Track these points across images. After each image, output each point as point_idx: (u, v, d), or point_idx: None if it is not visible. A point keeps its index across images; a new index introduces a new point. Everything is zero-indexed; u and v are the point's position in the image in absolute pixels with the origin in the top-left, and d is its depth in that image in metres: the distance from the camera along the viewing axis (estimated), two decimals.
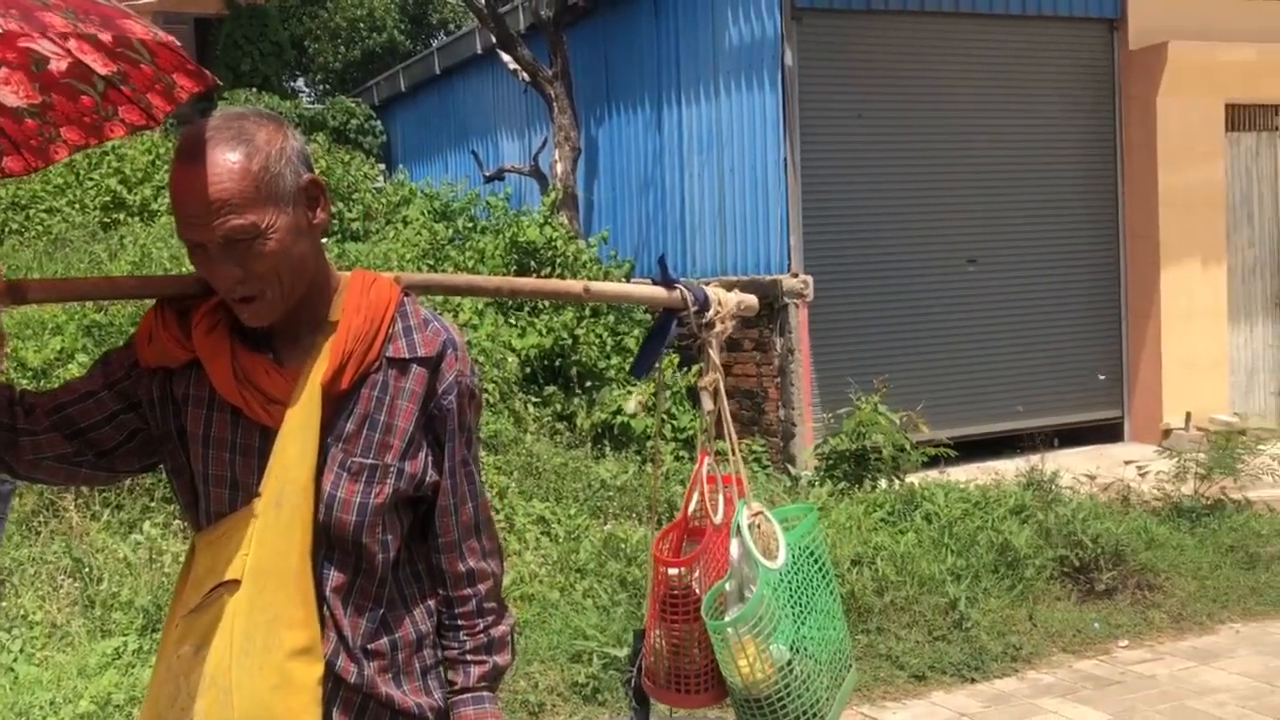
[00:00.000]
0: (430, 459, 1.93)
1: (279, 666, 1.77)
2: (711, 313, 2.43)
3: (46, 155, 1.93)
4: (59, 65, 1.71)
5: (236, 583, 1.82)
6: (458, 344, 1.96)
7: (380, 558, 1.89)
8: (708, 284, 2.51)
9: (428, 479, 1.92)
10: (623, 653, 4.99)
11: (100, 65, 1.71)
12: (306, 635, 1.79)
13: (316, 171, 1.92)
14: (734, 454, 2.47)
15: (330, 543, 1.85)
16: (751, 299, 2.52)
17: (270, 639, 1.78)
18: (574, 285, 2.43)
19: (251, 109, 1.88)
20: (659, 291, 2.43)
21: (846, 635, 2.53)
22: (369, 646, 1.88)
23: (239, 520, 1.85)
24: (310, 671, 1.79)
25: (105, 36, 1.67)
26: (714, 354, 2.45)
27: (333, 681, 1.84)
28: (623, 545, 6.21)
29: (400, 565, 1.95)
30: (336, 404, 1.86)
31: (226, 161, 1.76)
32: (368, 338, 1.87)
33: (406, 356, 1.91)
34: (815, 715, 2.35)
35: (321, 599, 1.84)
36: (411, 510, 1.95)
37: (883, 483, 7.39)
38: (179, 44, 1.72)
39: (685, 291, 2.41)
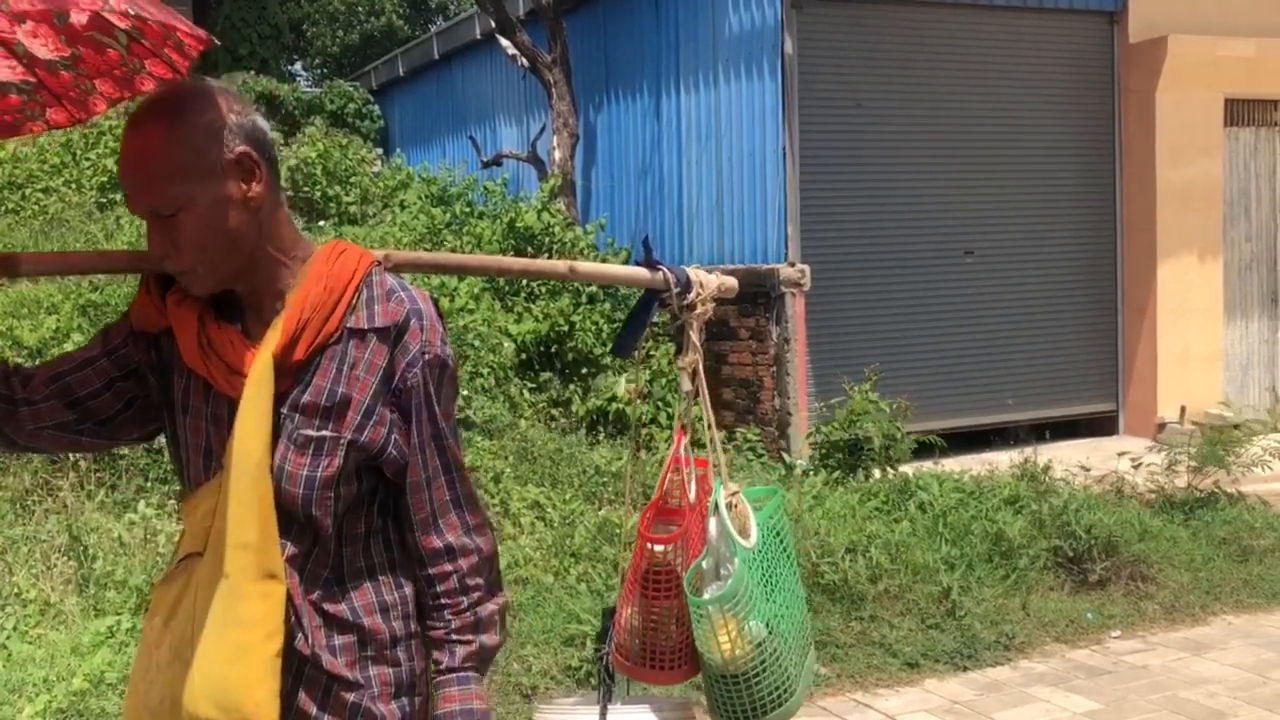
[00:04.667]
0: (396, 432, 1.89)
1: (234, 639, 1.76)
2: (693, 294, 2.45)
3: (87, 107, 1.93)
4: (79, 18, 1.70)
5: (202, 554, 1.83)
6: (424, 313, 1.91)
7: (337, 528, 1.87)
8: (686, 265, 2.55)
9: (389, 450, 1.88)
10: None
11: (117, 19, 1.71)
12: (264, 607, 1.77)
13: (273, 155, 1.89)
14: (711, 433, 2.50)
15: (287, 514, 1.84)
16: (731, 281, 2.54)
17: (227, 612, 1.76)
18: (559, 265, 2.47)
19: (200, 80, 1.86)
20: (641, 272, 2.46)
21: (807, 615, 2.56)
22: (328, 610, 1.87)
23: (208, 491, 1.86)
24: (267, 644, 1.77)
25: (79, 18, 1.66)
26: (694, 335, 2.47)
27: (295, 657, 1.83)
28: (617, 530, 6.22)
29: (372, 534, 1.93)
30: (296, 375, 1.84)
31: (148, 136, 1.78)
32: (326, 307, 1.84)
33: (365, 327, 1.87)
34: (786, 691, 2.38)
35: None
36: (376, 477, 1.92)
37: (876, 472, 7.40)
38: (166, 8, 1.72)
39: (667, 273, 2.44)
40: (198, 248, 1.81)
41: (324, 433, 1.85)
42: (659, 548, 2.42)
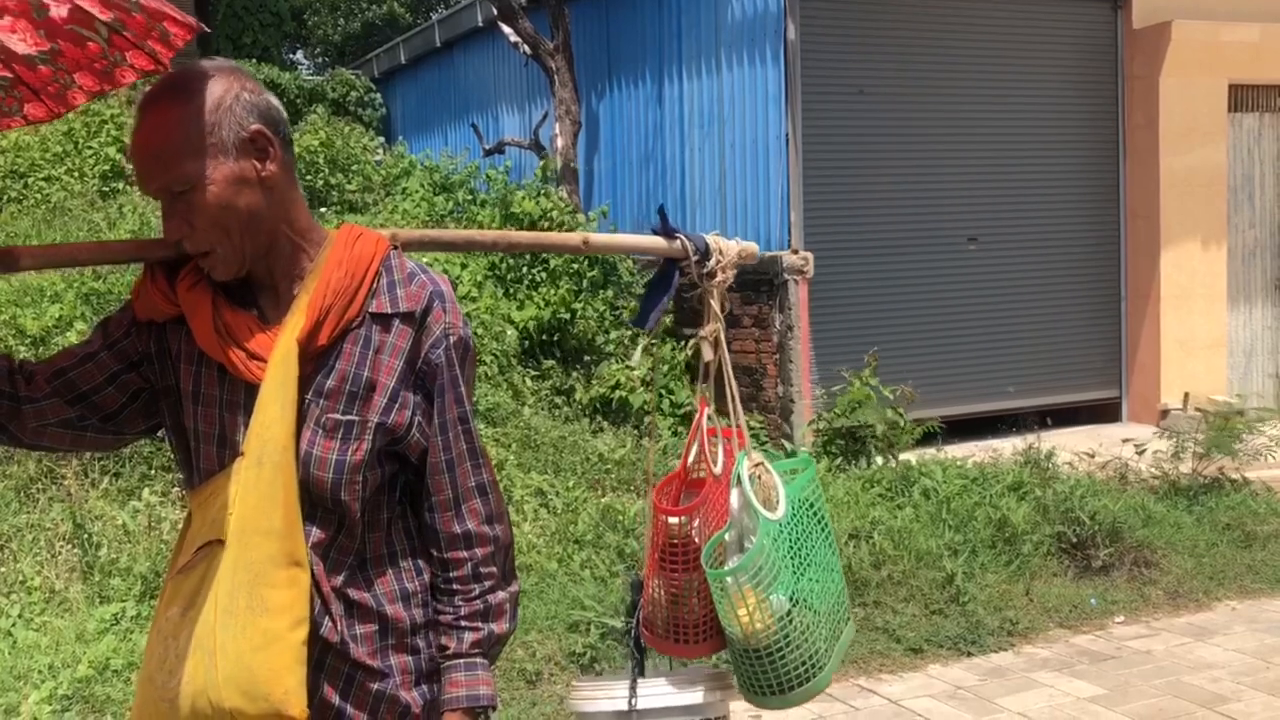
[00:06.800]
0: (419, 414, 1.89)
1: (262, 627, 1.74)
2: (713, 262, 2.41)
3: (66, 101, 1.92)
4: (59, 11, 1.70)
5: (223, 543, 1.80)
6: (446, 296, 1.92)
7: (362, 514, 1.87)
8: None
9: (412, 433, 1.88)
10: (620, 623, 5.01)
11: (99, 11, 1.71)
12: (290, 595, 1.76)
13: (286, 134, 1.88)
14: (734, 404, 2.45)
15: (312, 500, 1.83)
16: (752, 246, 2.50)
17: (253, 599, 1.75)
18: (572, 237, 2.43)
19: (212, 61, 1.86)
20: (659, 241, 2.42)
21: (844, 588, 2.51)
22: (350, 597, 1.86)
23: (225, 478, 1.83)
24: (294, 632, 1.76)
25: None
26: (715, 303, 2.43)
27: (317, 645, 1.82)
28: (620, 517, 6.23)
29: (393, 520, 1.93)
30: (318, 360, 1.84)
31: (164, 114, 1.78)
32: (348, 292, 1.84)
33: (389, 311, 1.87)
34: (814, 666, 2.34)
35: None
36: (397, 462, 1.91)
37: (879, 459, 7.40)
38: None
39: (686, 241, 2.40)
40: (217, 228, 1.80)
41: (351, 416, 1.84)
42: (674, 519, 2.39)
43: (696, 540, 2.37)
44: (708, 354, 2.44)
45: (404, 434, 1.88)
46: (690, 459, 2.49)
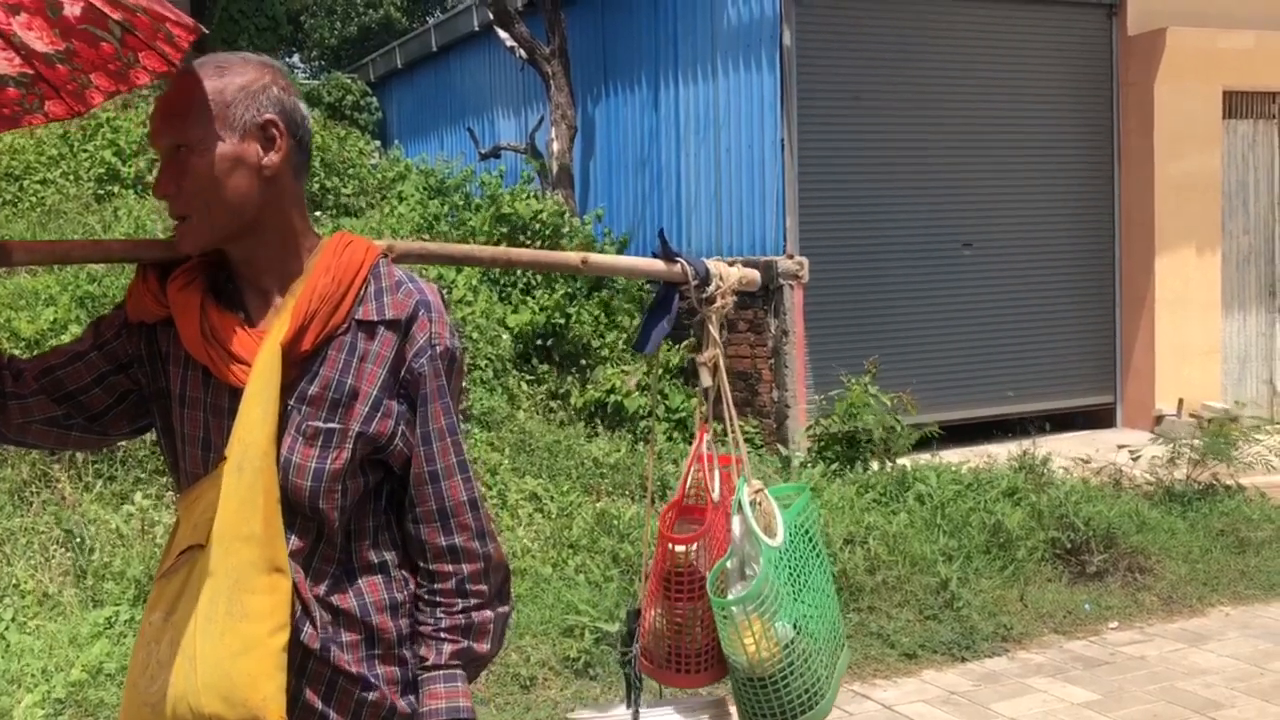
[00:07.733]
0: (403, 423, 1.88)
1: (241, 633, 1.73)
2: (712, 287, 2.38)
3: (84, 100, 1.94)
4: (73, 10, 1.71)
5: (204, 547, 1.79)
6: (432, 305, 1.90)
7: (341, 523, 1.85)
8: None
9: (395, 443, 1.87)
10: (614, 628, 5.00)
11: (110, 10, 1.72)
12: (270, 601, 1.75)
13: (304, 138, 1.90)
14: (733, 430, 2.42)
15: (291, 507, 1.82)
16: (753, 274, 2.47)
17: (233, 605, 1.74)
18: (572, 257, 2.38)
19: (257, 55, 1.90)
20: (659, 265, 2.39)
21: (839, 615, 2.51)
22: (335, 606, 1.85)
23: (210, 483, 1.82)
24: (273, 638, 1.74)
25: None
26: (714, 329, 2.40)
27: (299, 651, 1.81)
28: (615, 522, 6.22)
29: (379, 529, 1.91)
30: (302, 366, 1.83)
31: (192, 81, 1.83)
32: (334, 299, 1.84)
33: (375, 319, 1.86)
34: (816, 694, 2.32)
35: None
36: (382, 471, 1.90)
37: (874, 464, 7.41)
38: None
39: (686, 265, 2.37)
40: (199, 197, 1.81)
41: (332, 425, 1.83)
42: (680, 548, 2.36)
43: (700, 569, 2.35)
44: (706, 380, 2.41)
45: (387, 443, 1.87)
46: (688, 485, 2.47)
